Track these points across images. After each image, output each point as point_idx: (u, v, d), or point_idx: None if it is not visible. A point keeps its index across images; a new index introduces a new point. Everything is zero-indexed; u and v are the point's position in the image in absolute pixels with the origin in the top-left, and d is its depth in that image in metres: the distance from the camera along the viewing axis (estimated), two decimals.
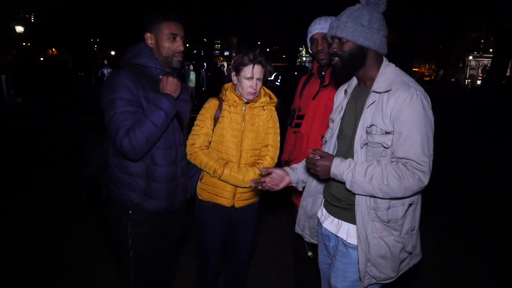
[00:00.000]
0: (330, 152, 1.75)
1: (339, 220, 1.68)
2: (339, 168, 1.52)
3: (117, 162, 1.82)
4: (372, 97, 1.54)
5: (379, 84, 1.54)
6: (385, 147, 1.51)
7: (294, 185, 1.84)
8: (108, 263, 2.94)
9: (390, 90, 1.51)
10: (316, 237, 1.89)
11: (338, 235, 1.68)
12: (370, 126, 1.53)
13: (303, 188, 1.88)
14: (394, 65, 1.62)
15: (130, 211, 1.83)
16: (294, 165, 1.88)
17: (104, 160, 1.90)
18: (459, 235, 3.99)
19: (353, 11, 1.56)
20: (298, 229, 1.95)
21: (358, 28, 1.53)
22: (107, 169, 1.89)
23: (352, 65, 1.59)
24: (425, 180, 1.46)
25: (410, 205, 1.55)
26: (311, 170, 1.60)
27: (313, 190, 1.83)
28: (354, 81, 1.74)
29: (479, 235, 4.01)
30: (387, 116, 1.49)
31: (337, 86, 2.10)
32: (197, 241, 2.26)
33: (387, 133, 1.49)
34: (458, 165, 6.74)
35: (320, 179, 1.66)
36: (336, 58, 1.60)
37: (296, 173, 1.82)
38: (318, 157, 1.56)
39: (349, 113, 1.69)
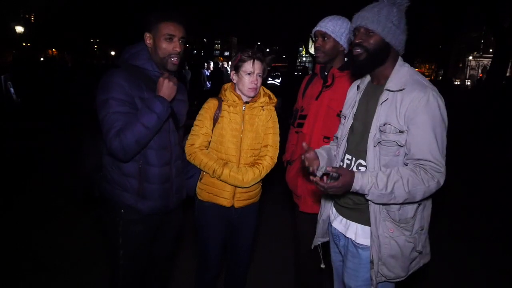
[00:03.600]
0: (341, 150, 1.74)
1: (347, 220, 1.68)
2: (361, 184, 1.46)
3: (111, 162, 1.82)
4: (385, 95, 1.55)
5: (392, 82, 1.54)
6: (399, 145, 1.51)
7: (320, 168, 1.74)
8: (107, 263, 2.94)
9: (404, 89, 1.51)
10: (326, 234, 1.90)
11: (346, 235, 1.68)
12: (384, 125, 1.53)
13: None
14: (409, 65, 1.62)
15: (123, 210, 1.83)
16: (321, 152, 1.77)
17: (99, 159, 1.89)
18: (462, 235, 3.98)
19: (382, 6, 1.55)
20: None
21: (389, 24, 1.52)
22: (101, 168, 1.89)
23: (376, 60, 1.58)
24: (442, 182, 1.49)
25: (419, 204, 1.56)
26: (329, 191, 1.48)
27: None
28: (367, 77, 1.73)
29: (482, 236, 4.00)
30: (402, 115, 1.49)
31: (343, 84, 2.09)
32: (197, 241, 2.26)
33: (401, 132, 1.50)
34: (458, 165, 6.72)
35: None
36: (360, 50, 1.57)
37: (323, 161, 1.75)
38: (333, 181, 1.46)
39: (361, 110, 1.68)
